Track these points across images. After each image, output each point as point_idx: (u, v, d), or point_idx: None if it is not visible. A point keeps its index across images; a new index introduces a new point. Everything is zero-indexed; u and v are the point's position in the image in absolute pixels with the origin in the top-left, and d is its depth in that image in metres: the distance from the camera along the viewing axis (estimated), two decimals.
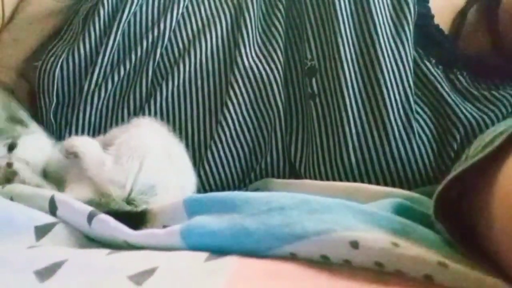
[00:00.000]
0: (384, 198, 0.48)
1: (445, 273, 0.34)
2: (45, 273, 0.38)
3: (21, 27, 0.77)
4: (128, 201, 0.52)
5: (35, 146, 0.59)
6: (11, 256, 0.41)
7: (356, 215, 0.39)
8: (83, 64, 0.72)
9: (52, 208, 0.48)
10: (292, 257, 0.38)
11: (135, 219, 0.47)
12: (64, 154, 0.56)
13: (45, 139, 0.62)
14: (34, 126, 0.62)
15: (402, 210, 0.44)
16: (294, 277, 0.36)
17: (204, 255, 0.40)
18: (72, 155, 0.55)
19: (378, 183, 0.62)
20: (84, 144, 0.56)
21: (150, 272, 0.37)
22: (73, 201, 0.48)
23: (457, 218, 0.40)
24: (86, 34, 0.72)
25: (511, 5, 0.68)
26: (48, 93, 0.72)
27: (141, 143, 0.56)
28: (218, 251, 0.40)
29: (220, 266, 0.37)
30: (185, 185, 0.60)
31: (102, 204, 0.50)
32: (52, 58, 0.73)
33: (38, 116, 0.74)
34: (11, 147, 0.57)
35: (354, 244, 0.35)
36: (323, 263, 0.37)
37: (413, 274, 0.34)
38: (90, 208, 0.46)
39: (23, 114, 0.61)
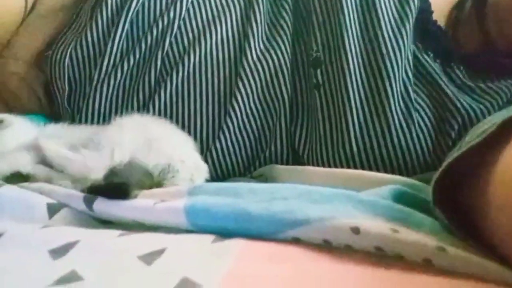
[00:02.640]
0: (384, 185, 0.47)
1: (444, 257, 0.33)
2: (59, 252, 0.38)
3: (35, 21, 0.76)
4: (156, 186, 0.52)
5: (17, 138, 0.57)
6: (27, 235, 0.41)
7: (356, 205, 0.39)
8: (91, 53, 0.71)
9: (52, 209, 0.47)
10: (295, 241, 0.38)
11: (118, 192, 0.46)
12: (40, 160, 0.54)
13: (27, 127, 0.60)
14: (9, 118, 0.59)
15: (401, 197, 0.44)
16: (298, 259, 0.36)
17: (210, 237, 0.39)
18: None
19: (378, 171, 0.62)
20: (48, 148, 0.54)
21: (159, 253, 0.37)
22: (65, 191, 0.48)
23: (455, 204, 0.40)
24: (94, 23, 0.71)
25: (496, 2, 0.68)
26: (60, 82, 0.71)
27: (123, 138, 0.54)
28: (224, 234, 0.40)
29: (227, 248, 0.37)
30: (200, 164, 0.60)
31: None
32: (62, 47, 0.72)
33: (54, 105, 0.74)
34: None
35: (355, 230, 0.35)
36: (325, 247, 0.37)
37: (413, 258, 0.34)
38: (83, 194, 0.46)
39: None
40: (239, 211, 0.39)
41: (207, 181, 0.61)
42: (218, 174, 0.70)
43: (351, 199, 0.39)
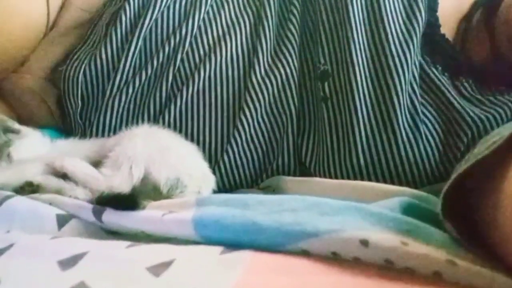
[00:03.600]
0: (392, 197, 0.46)
1: (454, 270, 0.32)
2: (68, 263, 0.37)
3: (51, 39, 0.77)
4: (164, 198, 0.51)
5: (28, 149, 0.58)
6: (36, 246, 0.41)
7: (366, 217, 0.38)
8: (105, 69, 0.72)
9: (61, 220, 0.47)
10: (304, 253, 0.37)
11: (126, 202, 0.45)
12: (51, 171, 0.54)
13: (38, 139, 0.61)
14: (25, 130, 0.60)
15: (410, 209, 0.43)
16: (306, 272, 0.35)
17: (219, 248, 0.39)
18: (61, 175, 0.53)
19: (385, 183, 0.61)
20: (73, 164, 0.54)
21: (167, 264, 0.36)
22: (74, 202, 0.47)
23: (463, 216, 0.39)
24: (108, 40, 0.72)
25: (505, 16, 0.67)
26: (73, 97, 0.71)
27: (136, 152, 0.54)
28: (232, 245, 0.39)
29: (235, 260, 0.36)
30: (208, 175, 0.60)
31: None
32: (76, 63, 0.73)
33: (66, 119, 0.74)
34: (11, 157, 0.56)
35: (364, 242, 0.34)
36: (333, 259, 0.36)
37: (422, 271, 0.33)
38: (92, 205, 0.45)
39: (11, 122, 0.60)
40: (248, 223, 0.39)
41: (215, 192, 0.61)
42: (226, 186, 0.70)
43: (360, 211, 0.38)
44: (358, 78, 0.64)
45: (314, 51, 0.70)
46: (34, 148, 0.59)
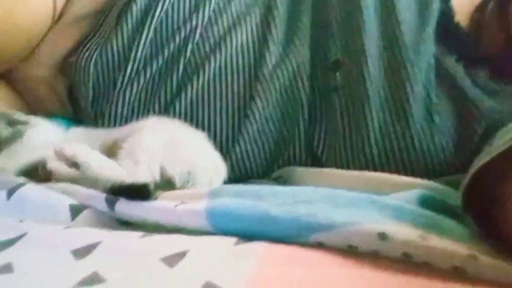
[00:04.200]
0: (408, 189, 0.45)
1: (475, 265, 0.31)
2: (81, 252, 0.37)
3: (62, 28, 0.76)
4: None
5: (42, 139, 0.57)
6: (49, 235, 0.40)
7: (383, 210, 0.37)
8: (116, 59, 0.71)
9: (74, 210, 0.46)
10: (319, 245, 0.36)
11: (139, 192, 0.44)
12: (60, 159, 0.51)
13: (51, 128, 0.60)
14: (33, 120, 0.59)
15: (427, 201, 0.42)
16: (322, 264, 0.34)
17: (232, 239, 0.38)
18: (71, 164, 0.50)
19: (398, 174, 0.60)
20: (86, 155, 0.51)
21: (181, 255, 0.35)
22: (87, 191, 0.46)
23: (483, 210, 0.37)
24: (119, 30, 0.71)
25: None
26: (84, 87, 0.71)
27: (152, 146, 0.53)
28: (246, 236, 0.38)
29: (249, 251, 0.35)
30: (219, 166, 0.59)
31: None
32: (87, 53, 0.71)
33: (77, 108, 0.74)
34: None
35: (382, 236, 0.33)
36: (349, 252, 0.35)
37: (442, 265, 0.32)
38: (105, 195, 0.44)
39: (16, 114, 0.59)
40: (261, 214, 0.38)
41: (226, 182, 0.60)
42: (237, 177, 0.69)
43: (376, 204, 0.37)
44: (371, 68, 0.63)
45: (325, 41, 0.68)
46: (46, 136, 0.58)
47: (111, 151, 0.55)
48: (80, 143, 0.55)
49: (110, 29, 0.73)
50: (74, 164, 0.50)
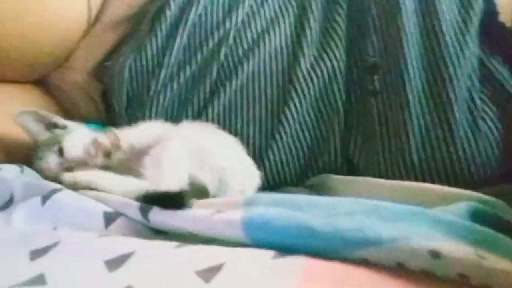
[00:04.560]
0: (457, 201, 0.42)
1: None
2: (115, 263, 0.35)
3: (96, 33, 0.76)
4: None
5: (79, 143, 0.57)
6: (83, 244, 0.39)
7: (433, 224, 0.34)
8: (150, 65, 0.70)
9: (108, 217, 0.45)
10: (364, 262, 0.33)
11: (173, 201, 0.43)
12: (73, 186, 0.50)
13: (86, 134, 0.59)
14: (71, 125, 0.60)
15: (479, 216, 0.38)
16: (368, 283, 0.31)
17: (270, 253, 0.36)
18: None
19: (441, 183, 0.56)
20: (100, 180, 0.50)
21: (217, 269, 0.33)
22: (121, 199, 0.45)
23: None
24: (153, 36, 0.70)
25: None
26: (118, 92, 0.70)
27: (177, 153, 0.52)
28: (284, 249, 0.36)
29: (289, 266, 0.33)
30: (252, 171, 0.57)
31: None
32: (122, 58, 0.71)
33: (111, 113, 0.73)
34: (61, 152, 0.56)
35: (435, 253, 0.30)
36: (398, 271, 0.32)
37: None
38: (138, 203, 0.43)
39: (56, 118, 0.59)
40: (301, 226, 0.36)
41: (259, 189, 0.58)
42: (270, 184, 0.66)
43: (426, 218, 0.34)
44: (411, 71, 0.60)
45: (362, 43, 0.66)
46: (82, 141, 0.57)
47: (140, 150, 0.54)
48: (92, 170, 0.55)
49: (144, 34, 0.72)
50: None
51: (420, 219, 0.34)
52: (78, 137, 0.58)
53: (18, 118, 0.57)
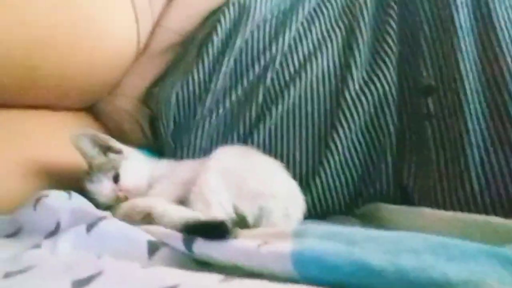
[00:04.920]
0: None
1: None
2: None
3: (144, 61, 0.77)
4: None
5: (136, 171, 0.57)
6: (126, 275, 0.37)
7: (507, 266, 0.30)
8: (197, 91, 0.70)
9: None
10: None
11: (216, 230, 0.41)
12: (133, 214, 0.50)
13: (142, 161, 0.60)
14: (126, 150, 0.60)
15: None
16: None
17: None
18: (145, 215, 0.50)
19: (505, 216, 0.51)
20: (159, 206, 0.49)
21: None
22: (163, 230, 0.44)
23: None
24: (200, 62, 0.70)
25: None
26: (166, 118, 0.70)
27: (215, 185, 0.51)
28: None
29: None
30: (296, 196, 0.54)
31: None
32: (169, 85, 0.72)
33: (158, 139, 0.73)
34: (116, 178, 0.56)
35: None
36: None
37: None
38: (181, 235, 0.42)
39: (112, 141, 0.59)
40: (358, 263, 0.32)
41: (307, 217, 0.55)
42: (318, 212, 0.63)
43: (499, 258, 0.30)
44: (468, 93, 0.56)
45: (414, 63, 0.62)
46: (138, 169, 0.58)
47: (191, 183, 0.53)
48: (164, 176, 0.55)
49: (191, 59, 0.72)
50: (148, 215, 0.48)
51: (491, 258, 0.30)
52: (135, 167, 0.58)
53: (74, 140, 0.58)
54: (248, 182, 0.51)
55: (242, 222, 0.48)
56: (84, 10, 0.68)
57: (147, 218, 0.49)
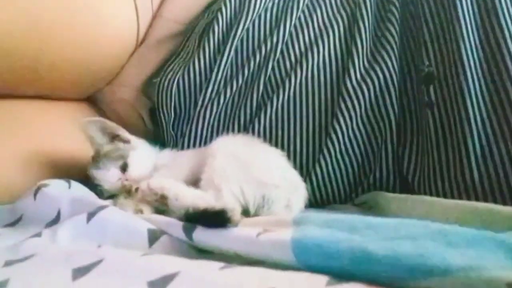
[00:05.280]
0: None
1: None
2: (158, 284, 0.33)
3: (144, 51, 0.77)
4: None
5: (143, 162, 0.57)
6: (126, 263, 0.37)
7: (507, 252, 0.29)
8: (198, 80, 0.69)
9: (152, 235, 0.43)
10: None
11: (217, 219, 0.41)
12: (149, 194, 0.49)
13: (148, 151, 0.60)
14: (133, 140, 0.59)
15: None
16: None
17: (323, 278, 0.32)
18: (159, 197, 0.49)
19: (505, 203, 0.51)
20: (173, 187, 0.49)
21: None
22: (164, 219, 0.44)
23: None
24: (201, 51, 0.70)
25: None
26: (166, 108, 0.70)
27: (223, 171, 0.51)
28: (338, 275, 0.32)
29: None
30: (298, 185, 0.54)
31: None
32: (170, 74, 0.71)
33: (158, 129, 0.73)
34: (124, 168, 0.56)
35: None
36: None
37: None
38: (181, 223, 0.41)
39: (121, 130, 0.59)
40: (357, 250, 0.32)
41: (307, 206, 0.55)
42: (318, 200, 0.63)
43: (501, 245, 0.30)
44: (470, 81, 0.55)
45: (416, 52, 0.62)
46: (145, 159, 0.58)
47: (197, 172, 0.53)
48: (171, 166, 0.55)
49: (192, 50, 0.72)
50: (163, 197, 0.48)
51: (493, 245, 0.30)
52: (143, 158, 0.57)
53: (84, 126, 0.58)
54: (252, 170, 0.51)
55: (244, 212, 0.48)
56: (84, 0, 0.67)
57: (162, 200, 0.48)
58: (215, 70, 0.68)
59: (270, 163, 0.54)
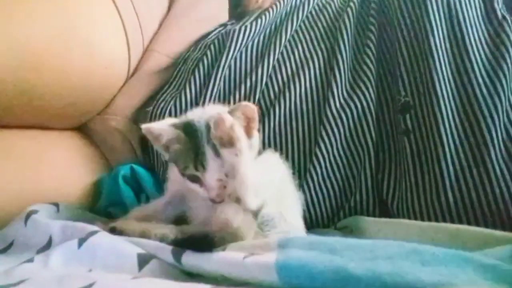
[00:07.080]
0: (498, 245, 0.39)
1: None
2: None
3: (135, 83, 0.78)
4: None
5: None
6: (117, 286, 0.38)
7: (478, 270, 0.31)
8: (188, 109, 0.71)
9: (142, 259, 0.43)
10: None
11: (203, 244, 0.41)
12: (216, 134, 0.46)
13: None
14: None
15: None
16: None
17: None
18: (227, 141, 0.45)
19: (477, 225, 0.53)
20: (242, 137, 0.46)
21: None
22: (153, 243, 0.44)
23: None
24: (192, 81, 0.72)
25: None
26: None
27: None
28: None
29: None
30: (298, 223, 0.55)
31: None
32: (162, 104, 0.73)
33: (149, 157, 0.74)
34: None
35: None
36: None
37: None
38: (170, 247, 0.42)
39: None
40: (338, 270, 0.33)
41: None
42: None
43: (470, 262, 0.31)
44: (443, 110, 0.58)
45: (392, 83, 0.65)
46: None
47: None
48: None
49: (184, 81, 0.74)
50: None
51: (464, 263, 0.32)
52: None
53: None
54: (271, 188, 0.50)
55: (236, 236, 0.45)
56: (77, 31, 0.69)
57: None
58: (202, 99, 0.70)
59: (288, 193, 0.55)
